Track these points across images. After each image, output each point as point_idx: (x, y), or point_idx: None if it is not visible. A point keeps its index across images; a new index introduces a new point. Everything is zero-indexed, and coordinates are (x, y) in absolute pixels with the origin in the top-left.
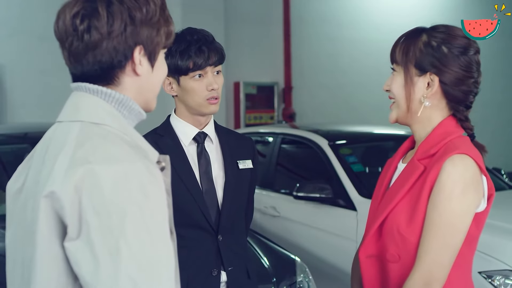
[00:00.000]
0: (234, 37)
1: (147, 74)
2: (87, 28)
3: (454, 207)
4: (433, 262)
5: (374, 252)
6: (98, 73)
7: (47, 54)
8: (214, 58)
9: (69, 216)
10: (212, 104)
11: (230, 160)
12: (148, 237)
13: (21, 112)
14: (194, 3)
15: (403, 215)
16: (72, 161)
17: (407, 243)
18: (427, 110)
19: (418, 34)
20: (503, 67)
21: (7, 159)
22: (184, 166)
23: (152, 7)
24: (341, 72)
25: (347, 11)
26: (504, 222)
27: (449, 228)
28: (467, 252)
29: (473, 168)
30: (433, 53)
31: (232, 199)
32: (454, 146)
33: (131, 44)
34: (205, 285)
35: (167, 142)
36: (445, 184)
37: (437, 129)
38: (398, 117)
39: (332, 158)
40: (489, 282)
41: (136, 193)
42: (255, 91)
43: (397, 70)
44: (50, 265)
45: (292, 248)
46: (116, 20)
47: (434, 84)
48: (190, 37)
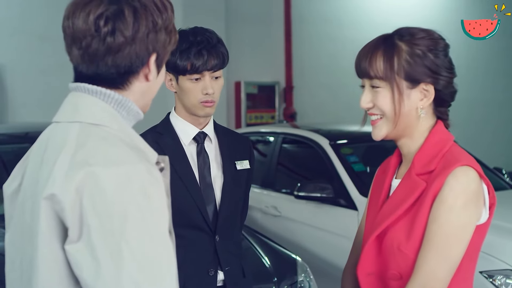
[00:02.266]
0: (235, 37)
1: (153, 80)
2: (111, 31)
3: (454, 219)
4: (429, 274)
5: (374, 269)
6: (113, 76)
7: (48, 54)
8: (213, 63)
9: (70, 219)
10: (207, 106)
11: (228, 160)
12: (149, 239)
13: (22, 112)
14: (195, 3)
15: (404, 232)
16: (72, 163)
17: (408, 261)
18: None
19: (391, 42)
20: (504, 67)
21: (8, 158)
22: (184, 166)
23: (170, 14)
24: (342, 72)
25: (348, 11)
26: (505, 222)
27: (448, 240)
28: (469, 265)
29: (475, 179)
30: (423, 63)
31: (229, 199)
32: (454, 158)
33: (150, 50)
34: (202, 285)
35: (167, 141)
36: (447, 197)
37: (430, 139)
38: (388, 133)
39: (333, 158)
40: (490, 282)
41: (137, 195)
42: (256, 91)
43: (381, 86)
44: (51, 268)
45: (293, 247)
46: (142, 25)
47: (429, 93)
48: (193, 38)
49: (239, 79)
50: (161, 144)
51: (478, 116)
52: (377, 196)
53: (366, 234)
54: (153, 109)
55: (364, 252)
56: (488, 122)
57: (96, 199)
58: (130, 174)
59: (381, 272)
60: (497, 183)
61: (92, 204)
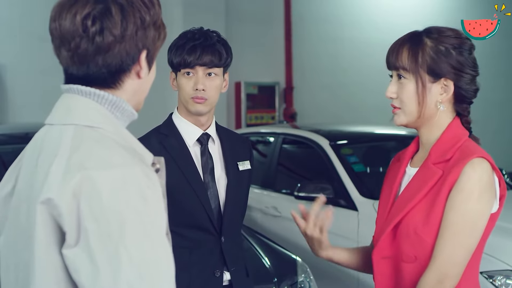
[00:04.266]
0: (235, 37)
1: (145, 77)
2: (99, 30)
3: (472, 208)
4: (447, 260)
5: (389, 253)
6: (104, 76)
7: (48, 54)
8: (206, 59)
9: (67, 223)
10: (197, 103)
11: (231, 161)
12: (147, 242)
13: (22, 112)
14: (195, 2)
15: (420, 216)
16: (68, 167)
17: (424, 244)
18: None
19: (419, 38)
20: (504, 67)
21: (8, 159)
22: (190, 167)
23: (157, 10)
24: (342, 72)
25: (348, 11)
26: (506, 222)
27: (466, 228)
28: (477, 252)
29: (489, 171)
30: (446, 59)
31: (233, 200)
32: (469, 150)
33: (140, 47)
34: (207, 286)
35: (172, 143)
36: (464, 186)
37: (447, 133)
38: (408, 122)
39: (333, 158)
40: (490, 282)
41: (134, 198)
42: (256, 91)
43: (407, 77)
44: (49, 272)
45: (293, 247)
46: (130, 22)
47: (449, 89)
48: (191, 35)
49: (239, 79)
50: (166, 145)
51: (478, 116)
52: (391, 182)
53: (381, 222)
54: (153, 109)
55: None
56: (488, 122)
57: (93, 203)
58: (127, 177)
59: (395, 255)
60: None
61: (89, 208)
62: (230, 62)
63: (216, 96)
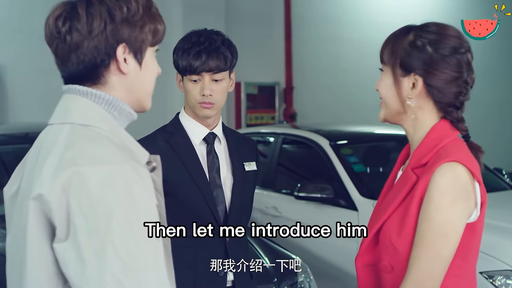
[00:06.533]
0: (235, 37)
1: (135, 72)
2: (68, 30)
3: (443, 218)
4: (422, 273)
5: (371, 261)
6: (83, 73)
7: (48, 55)
8: (212, 65)
9: (57, 218)
10: (204, 108)
11: (237, 162)
12: (134, 238)
13: (22, 112)
14: (195, 3)
15: (395, 226)
16: (60, 163)
17: (398, 255)
18: (417, 111)
19: (406, 33)
20: (504, 67)
21: (8, 159)
22: (195, 165)
23: (134, 6)
24: (342, 72)
25: (348, 11)
26: (505, 222)
27: (438, 239)
28: (465, 265)
29: (463, 176)
30: (418, 55)
31: (239, 200)
32: (445, 153)
33: (112, 42)
34: (212, 285)
35: (178, 141)
36: (433, 194)
37: (430, 134)
38: (386, 117)
39: (333, 158)
40: (490, 282)
41: (121, 194)
42: (256, 91)
43: (384, 70)
44: (40, 266)
45: (293, 248)
46: (96, 19)
47: (418, 85)
48: (196, 39)
49: (239, 79)
50: (172, 143)
51: (478, 117)
52: (387, 185)
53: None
54: (153, 109)
55: (364, 245)
56: (488, 122)
57: (81, 198)
58: (115, 172)
59: (376, 263)
60: (497, 183)
61: (78, 203)
62: (235, 63)
63: (224, 98)
